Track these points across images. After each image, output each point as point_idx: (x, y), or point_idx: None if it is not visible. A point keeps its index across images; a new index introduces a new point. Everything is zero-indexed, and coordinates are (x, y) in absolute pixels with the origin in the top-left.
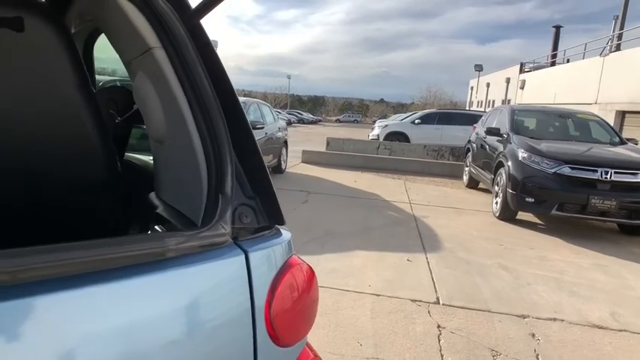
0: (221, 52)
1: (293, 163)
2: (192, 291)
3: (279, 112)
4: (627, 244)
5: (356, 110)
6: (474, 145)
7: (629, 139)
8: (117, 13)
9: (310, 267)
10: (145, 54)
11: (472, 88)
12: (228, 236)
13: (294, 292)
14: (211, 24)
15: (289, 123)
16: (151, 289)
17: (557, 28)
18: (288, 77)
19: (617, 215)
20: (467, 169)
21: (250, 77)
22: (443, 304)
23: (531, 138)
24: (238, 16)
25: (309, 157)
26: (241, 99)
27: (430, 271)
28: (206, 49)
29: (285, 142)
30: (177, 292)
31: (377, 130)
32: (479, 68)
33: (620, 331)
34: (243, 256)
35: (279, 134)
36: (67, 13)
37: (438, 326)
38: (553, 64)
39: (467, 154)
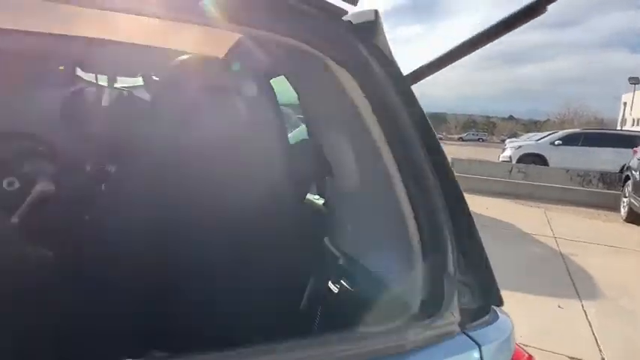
0: None
1: None
2: None
3: None
4: None
5: (481, 128)
6: (635, 172)
7: None
8: (322, 74)
9: (531, 356)
10: (349, 114)
11: (625, 103)
12: (456, 324)
13: None
14: None
15: None
16: None
17: None
18: None
19: None
20: (625, 199)
21: None
22: None
23: None
24: None
25: None
26: None
27: (589, 322)
28: (417, 111)
29: None
30: None
31: (509, 151)
32: (635, 81)
33: None
34: (477, 350)
35: None
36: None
37: None
38: None
39: (625, 182)
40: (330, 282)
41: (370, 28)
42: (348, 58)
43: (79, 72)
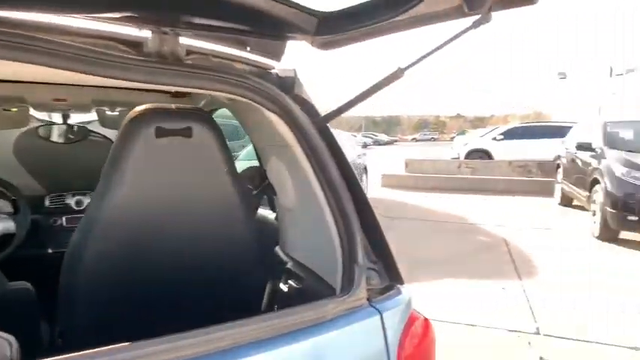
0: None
1: (373, 188)
2: (342, 350)
3: (355, 136)
4: None
5: (432, 128)
6: (565, 160)
7: None
8: (259, 117)
9: (427, 319)
10: (281, 146)
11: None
12: (365, 299)
13: (417, 342)
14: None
15: (365, 146)
16: (311, 352)
17: None
18: None
19: None
20: (558, 185)
21: None
22: (544, 335)
23: (629, 152)
24: None
25: (389, 181)
26: None
27: (527, 299)
28: (331, 141)
29: (365, 168)
30: (330, 353)
31: (457, 148)
32: (562, 75)
33: None
34: (378, 316)
35: (359, 161)
36: (203, 100)
37: (541, 358)
38: None
39: (557, 169)
40: (281, 283)
41: (291, 82)
42: (276, 106)
43: (32, 111)
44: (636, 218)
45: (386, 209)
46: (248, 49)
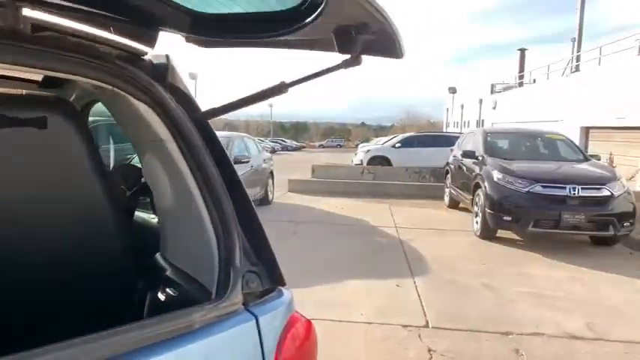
0: (201, 81)
1: (280, 193)
2: (213, 357)
3: (262, 140)
4: (598, 254)
5: (339, 135)
6: (453, 166)
7: (592, 156)
8: (130, 108)
9: (309, 321)
10: (155, 142)
11: (447, 109)
12: (240, 304)
13: (298, 344)
14: (182, 51)
15: (273, 151)
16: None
17: (522, 50)
18: (270, 105)
19: (587, 228)
20: (447, 190)
21: None
22: (432, 327)
23: (504, 159)
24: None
25: (296, 186)
26: (225, 134)
27: (419, 295)
28: (212, 139)
29: (271, 173)
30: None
31: (360, 155)
32: (452, 90)
33: (596, 340)
34: (254, 321)
35: (265, 165)
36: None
37: (429, 350)
38: (521, 84)
39: (446, 175)
40: (159, 292)
41: (164, 69)
42: (147, 96)
43: None
44: (510, 219)
45: (292, 214)
46: (112, 29)
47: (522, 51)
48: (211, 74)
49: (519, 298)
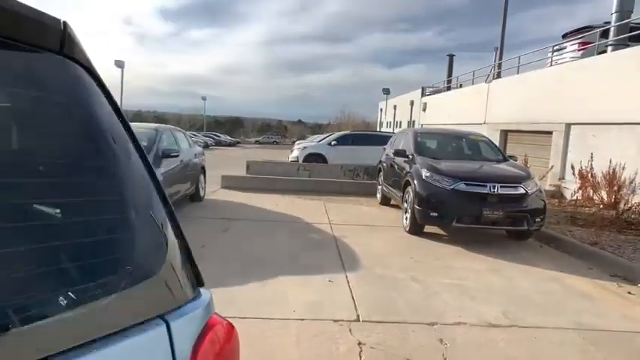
0: (128, 72)
1: (213, 189)
2: None
3: (195, 135)
4: (515, 248)
5: (275, 131)
6: (385, 164)
7: (510, 156)
8: None
9: (230, 323)
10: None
11: (381, 109)
12: (152, 311)
13: (217, 349)
14: (114, 42)
15: (206, 146)
16: None
17: (451, 56)
18: (204, 98)
19: (504, 224)
20: (379, 187)
21: (164, 98)
22: (363, 321)
23: (433, 158)
24: (145, 33)
25: (229, 182)
26: (153, 126)
27: (350, 290)
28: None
29: (203, 168)
30: None
31: (296, 152)
32: (386, 92)
33: (510, 326)
34: (164, 326)
35: (196, 160)
36: None
37: (359, 343)
38: (449, 88)
39: (379, 173)
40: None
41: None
42: None
43: None
44: (436, 214)
45: (224, 211)
46: None
47: (451, 57)
48: None
49: (444, 290)
